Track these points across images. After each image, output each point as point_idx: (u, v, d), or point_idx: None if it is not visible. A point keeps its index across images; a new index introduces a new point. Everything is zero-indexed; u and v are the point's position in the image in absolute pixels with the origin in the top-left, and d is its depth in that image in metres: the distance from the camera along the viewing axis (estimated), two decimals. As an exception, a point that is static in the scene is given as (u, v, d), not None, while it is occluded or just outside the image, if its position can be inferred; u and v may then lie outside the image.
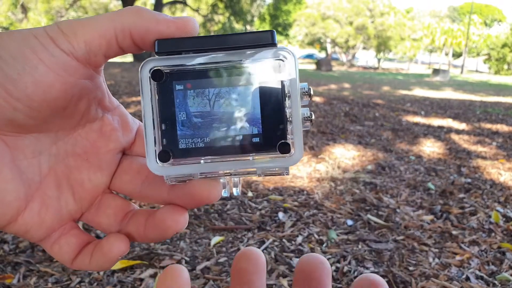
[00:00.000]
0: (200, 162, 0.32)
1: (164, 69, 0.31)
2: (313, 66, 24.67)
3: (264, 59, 0.31)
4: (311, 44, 37.52)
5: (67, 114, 0.32)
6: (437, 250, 1.57)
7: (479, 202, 2.10)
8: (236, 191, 0.34)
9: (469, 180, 2.48)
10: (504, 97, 9.60)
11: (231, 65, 0.31)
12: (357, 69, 30.21)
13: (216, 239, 1.57)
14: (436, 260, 1.50)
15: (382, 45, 32.61)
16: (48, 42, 0.28)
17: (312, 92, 0.32)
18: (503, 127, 4.54)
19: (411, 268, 1.43)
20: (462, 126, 4.54)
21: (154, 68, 0.31)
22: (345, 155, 2.96)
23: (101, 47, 0.30)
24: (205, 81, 0.31)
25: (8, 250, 1.43)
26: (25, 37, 0.28)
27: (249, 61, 0.31)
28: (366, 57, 43.08)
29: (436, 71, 19.80)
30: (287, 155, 0.31)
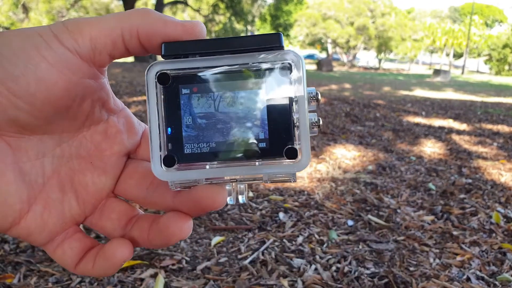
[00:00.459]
0: (206, 168, 0.31)
1: (171, 73, 0.30)
2: (314, 67, 24.66)
3: (271, 63, 0.30)
4: (312, 45, 37.52)
5: (71, 115, 0.31)
6: (438, 251, 1.57)
7: (480, 203, 2.10)
8: (242, 199, 0.33)
9: (470, 181, 2.48)
10: (505, 98, 9.59)
11: (238, 69, 0.30)
12: (358, 70, 30.20)
13: (217, 239, 1.57)
14: (437, 261, 1.50)
15: (383, 46, 32.60)
16: (52, 40, 0.28)
17: (320, 97, 0.32)
18: (504, 128, 4.53)
19: (412, 269, 1.42)
20: (463, 127, 4.53)
21: (161, 72, 0.30)
22: (346, 156, 2.96)
23: (107, 46, 0.29)
24: (212, 85, 0.30)
25: (9, 250, 1.43)
26: (29, 35, 0.28)
27: (256, 65, 0.30)
28: (367, 58, 43.07)
29: (437, 72, 19.79)
30: (294, 161, 0.31)
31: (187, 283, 1.29)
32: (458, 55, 42.83)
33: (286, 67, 0.30)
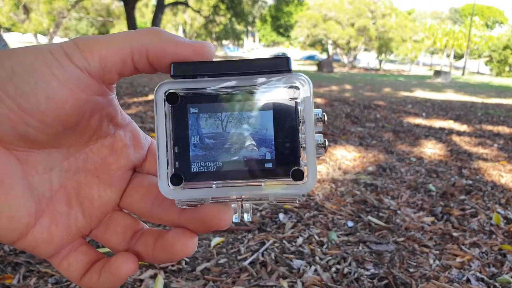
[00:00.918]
0: (212, 187, 0.31)
1: (179, 92, 0.31)
2: (315, 68, 24.68)
3: (280, 85, 0.30)
4: (313, 46, 37.54)
5: (80, 130, 0.32)
6: (438, 252, 1.57)
7: (480, 204, 2.10)
8: (247, 217, 0.34)
9: (470, 182, 2.47)
10: (506, 99, 9.59)
11: (246, 90, 0.31)
12: (359, 71, 30.21)
13: (216, 240, 1.57)
14: (437, 262, 1.49)
15: (384, 47, 32.61)
16: (63, 58, 0.28)
17: (326, 118, 0.32)
18: (505, 129, 4.53)
19: (412, 270, 1.42)
20: (463, 128, 4.53)
21: (170, 91, 0.31)
22: (346, 157, 2.96)
23: (116, 65, 0.30)
24: (220, 105, 0.31)
25: (8, 251, 1.43)
26: (40, 52, 0.28)
27: (264, 87, 0.30)
28: (368, 59, 43.07)
29: (438, 73, 19.79)
30: (300, 182, 0.31)
31: (187, 284, 1.28)
32: (459, 56, 42.83)
33: (294, 90, 0.30)
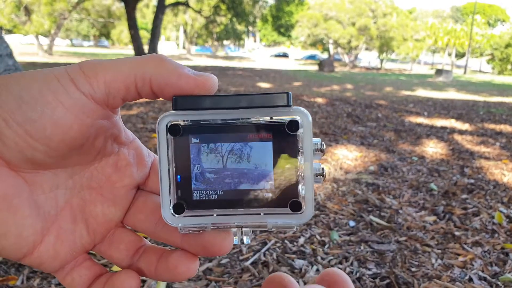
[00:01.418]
0: (213, 215, 0.32)
1: (181, 124, 0.32)
2: (316, 67, 24.67)
3: (280, 118, 0.31)
4: (314, 45, 37.53)
5: (84, 151, 0.33)
6: (440, 251, 1.57)
7: (482, 203, 2.09)
8: (247, 240, 0.34)
9: (472, 181, 2.47)
10: (508, 97, 9.57)
11: (247, 122, 0.32)
12: (360, 70, 30.17)
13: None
14: (439, 261, 1.49)
15: (385, 46, 32.57)
16: (69, 84, 0.29)
17: (325, 147, 0.33)
18: (507, 128, 4.52)
19: (414, 269, 1.42)
20: (465, 127, 4.53)
21: (171, 123, 0.32)
22: (348, 156, 2.96)
23: (120, 91, 0.30)
24: (221, 136, 0.32)
25: (11, 252, 1.43)
26: (47, 78, 0.29)
27: (264, 120, 0.32)
28: (369, 58, 43.03)
29: (439, 72, 19.75)
30: (298, 213, 0.32)
31: (189, 284, 1.29)
32: (460, 55, 42.75)
33: (294, 124, 0.31)
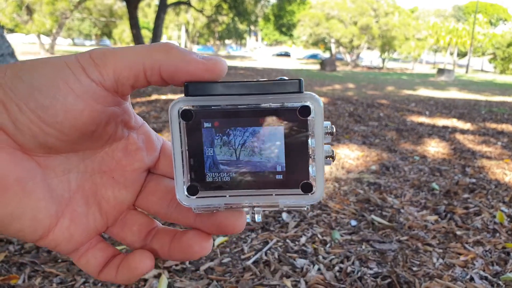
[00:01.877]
0: (226, 196, 0.33)
1: (193, 109, 0.32)
2: (318, 66, 24.65)
3: (291, 104, 0.32)
4: (316, 44, 37.48)
5: (95, 136, 0.33)
6: (441, 251, 1.57)
7: (484, 202, 2.09)
8: (258, 218, 0.35)
9: (474, 180, 2.47)
10: (510, 97, 9.55)
11: (259, 107, 0.32)
12: (362, 69, 30.14)
13: (220, 240, 1.58)
14: (440, 261, 1.49)
15: (387, 45, 32.51)
16: (79, 72, 0.30)
17: (334, 130, 0.34)
18: (509, 127, 4.52)
19: (415, 269, 1.42)
20: (467, 126, 4.52)
21: (183, 109, 0.32)
22: (349, 156, 2.96)
23: (129, 79, 0.31)
24: (233, 121, 0.32)
25: (13, 251, 1.44)
26: (58, 66, 0.30)
27: (276, 105, 0.32)
28: (371, 57, 42.96)
29: (441, 71, 19.70)
30: (309, 194, 0.33)
31: (190, 284, 1.29)
32: (462, 54, 42.64)
33: (306, 109, 0.32)
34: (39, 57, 0.31)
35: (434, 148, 3.34)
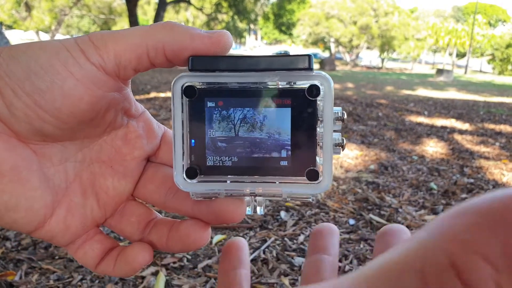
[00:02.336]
0: (226, 181, 0.31)
1: (197, 86, 0.30)
2: (317, 66, 24.66)
3: (300, 83, 0.30)
4: (315, 44, 37.49)
5: (94, 124, 0.32)
6: (439, 250, 1.57)
7: (482, 203, 2.09)
8: (260, 210, 0.33)
9: (472, 180, 2.47)
10: (508, 98, 9.57)
11: (265, 86, 0.30)
12: (361, 69, 30.17)
13: (218, 238, 1.57)
14: (438, 260, 1.49)
15: (386, 45, 32.56)
16: (79, 55, 0.28)
17: (346, 117, 0.31)
18: (507, 128, 4.52)
19: (413, 268, 1.42)
20: (466, 126, 4.53)
21: (187, 84, 0.30)
22: (348, 155, 2.96)
23: (131, 62, 0.29)
24: (237, 100, 0.30)
25: (10, 247, 1.43)
26: (56, 49, 0.28)
27: (284, 84, 0.30)
28: (370, 57, 43.00)
29: (440, 71, 19.72)
30: (315, 182, 0.30)
31: (188, 281, 1.29)
32: (461, 55, 42.71)
33: (315, 89, 0.30)
34: (40, 41, 0.29)
35: (433, 148, 3.34)
